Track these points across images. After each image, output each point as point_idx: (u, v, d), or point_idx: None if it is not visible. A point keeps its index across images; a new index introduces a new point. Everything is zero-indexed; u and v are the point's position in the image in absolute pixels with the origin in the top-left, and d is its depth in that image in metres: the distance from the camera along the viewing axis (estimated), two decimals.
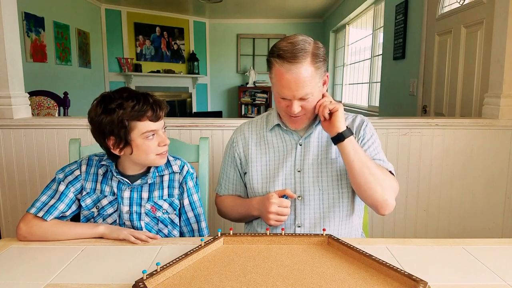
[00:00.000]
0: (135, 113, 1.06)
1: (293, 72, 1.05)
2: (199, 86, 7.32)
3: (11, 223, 2.04)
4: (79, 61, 5.18)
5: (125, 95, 1.07)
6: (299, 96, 1.08)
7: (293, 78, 1.05)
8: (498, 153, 1.97)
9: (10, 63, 1.96)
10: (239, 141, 1.27)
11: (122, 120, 1.05)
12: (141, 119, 1.07)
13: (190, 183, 1.22)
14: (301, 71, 1.05)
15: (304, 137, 1.19)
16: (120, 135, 1.06)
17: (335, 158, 1.17)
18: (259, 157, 1.23)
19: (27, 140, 1.98)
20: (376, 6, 4.41)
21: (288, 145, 1.21)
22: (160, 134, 1.12)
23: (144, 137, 1.08)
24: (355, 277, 0.82)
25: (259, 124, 1.29)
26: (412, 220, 2.05)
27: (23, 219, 1.06)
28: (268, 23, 7.21)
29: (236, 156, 1.27)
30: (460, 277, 0.84)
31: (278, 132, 1.23)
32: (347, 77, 5.82)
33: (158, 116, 1.09)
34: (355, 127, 1.20)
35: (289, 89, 1.07)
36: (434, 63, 2.87)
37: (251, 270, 0.84)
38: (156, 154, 1.12)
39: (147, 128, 1.08)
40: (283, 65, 1.05)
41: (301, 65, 1.05)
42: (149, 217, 1.17)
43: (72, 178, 1.15)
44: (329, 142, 1.18)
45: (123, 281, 0.82)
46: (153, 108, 1.08)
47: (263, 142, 1.24)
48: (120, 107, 1.05)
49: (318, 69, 1.08)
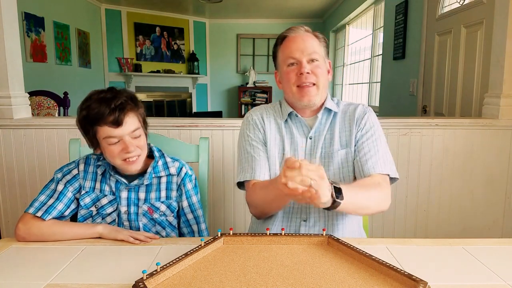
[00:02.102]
0: (95, 118, 1.04)
1: (299, 33, 1.18)
2: (199, 86, 7.32)
3: (11, 223, 2.04)
4: (79, 61, 5.18)
5: (100, 96, 1.05)
6: (308, 52, 1.15)
7: (299, 36, 1.17)
8: (498, 153, 1.97)
9: (10, 63, 1.96)
10: (258, 124, 1.22)
11: (86, 123, 1.05)
12: (101, 124, 1.04)
13: (189, 185, 1.21)
14: (308, 34, 1.19)
15: (314, 129, 1.19)
16: (88, 136, 1.08)
17: (337, 150, 1.17)
18: (277, 144, 1.20)
19: (27, 140, 1.98)
20: (376, 6, 4.41)
21: (298, 137, 1.20)
22: (125, 140, 1.06)
23: (106, 142, 1.06)
24: (355, 277, 0.82)
25: (275, 114, 1.24)
26: (412, 220, 2.05)
27: (22, 219, 1.06)
28: (268, 23, 7.21)
29: (261, 137, 1.21)
30: (460, 277, 0.84)
31: (290, 125, 1.21)
32: (347, 77, 5.81)
33: (119, 121, 1.04)
34: (356, 117, 1.19)
35: (297, 48, 1.15)
36: (434, 63, 2.87)
37: (251, 270, 0.84)
38: (121, 159, 1.08)
39: (108, 133, 1.05)
40: (288, 35, 1.18)
41: (304, 31, 1.19)
42: (147, 218, 1.16)
43: (70, 177, 1.14)
44: (333, 135, 1.18)
45: (123, 281, 0.82)
46: (114, 113, 1.03)
47: (281, 134, 1.21)
48: (87, 109, 1.05)
49: (322, 46, 1.19)
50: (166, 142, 1.39)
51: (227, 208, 1.98)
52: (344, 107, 1.24)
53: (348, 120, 1.20)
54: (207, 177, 1.39)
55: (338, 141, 1.17)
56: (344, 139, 1.18)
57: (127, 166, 1.10)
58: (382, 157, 1.15)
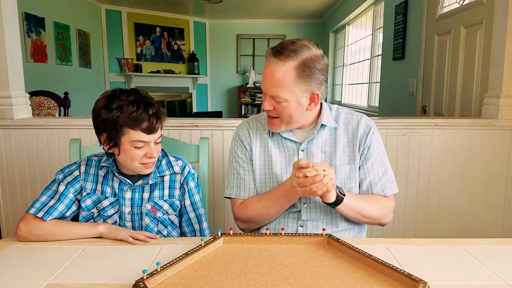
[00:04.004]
0: (131, 121, 1.04)
1: (272, 66, 1.03)
2: (199, 86, 7.33)
3: (11, 223, 2.04)
4: (79, 61, 5.18)
5: (130, 98, 1.06)
6: (270, 94, 1.06)
7: (270, 72, 1.04)
8: (497, 153, 1.97)
9: (11, 63, 1.96)
10: (244, 141, 1.22)
11: (117, 122, 1.05)
12: (134, 128, 1.05)
13: (192, 184, 1.21)
14: (280, 69, 1.02)
15: (306, 142, 1.16)
16: (111, 134, 1.07)
17: (340, 165, 1.15)
18: (262, 161, 1.19)
19: (27, 140, 1.98)
20: (376, 7, 4.42)
21: (290, 150, 1.18)
22: (150, 146, 1.09)
23: (132, 145, 1.07)
24: (355, 277, 0.82)
25: (262, 128, 1.22)
26: (412, 220, 2.05)
27: (23, 220, 1.06)
28: (268, 24, 7.22)
29: (248, 154, 1.21)
30: (460, 277, 0.84)
31: (278, 137, 1.19)
32: (347, 77, 5.82)
33: (153, 128, 1.07)
34: (360, 134, 1.16)
35: (264, 82, 1.07)
36: (433, 63, 2.87)
37: (251, 270, 0.85)
38: (140, 163, 1.09)
39: (138, 138, 1.06)
40: (269, 57, 1.05)
41: (282, 63, 1.02)
42: (150, 218, 1.16)
43: (71, 178, 1.15)
44: (333, 151, 1.16)
45: (123, 281, 0.82)
46: (150, 120, 1.06)
47: (266, 147, 1.19)
48: (119, 109, 1.04)
49: (302, 79, 1.03)
50: (167, 142, 1.39)
51: (227, 208, 1.98)
52: (345, 118, 1.19)
53: (351, 134, 1.17)
54: (207, 177, 1.40)
55: (341, 155, 1.15)
56: (347, 154, 1.16)
57: (144, 169, 1.11)
58: (390, 176, 1.19)
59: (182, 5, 6.22)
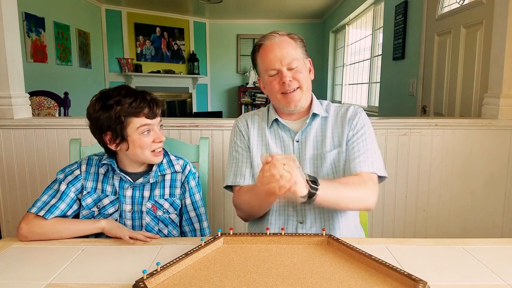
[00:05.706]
0: (133, 109, 1.08)
1: (275, 41, 1.15)
2: (199, 86, 7.32)
3: (11, 223, 2.04)
4: (79, 61, 5.18)
5: (123, 92, 1.10)
6: (287, 61, 1.14)
7: (276, 44, 1.15)
8: (497, 153, 1.97)
9: (11, 63, 1.96)
10: (242, 130, 1.26)
11: (119, 115, 1.07)
12: (137, 116, 1.09)
13: (192, 183, 1.22)
14: (282, 38, 1.16)
15: (300, 131, 1.19)
16: (116, 130, 1.08)
17: (329, 151, 1.18)
18: (259, 150, 1.22)
19: (27, 140, 1.98)
20: (376, 7, 4.42)
21: (286, 141, 1.21)
22: (156, 130, 1.14)
23: (139, 133, 1.10)
24: (355, 277, 0.82)
25: (260, 119, 1.27)
26: (412, 220, 2.05)
27: (24, 219, 1.06)
28: (268, 24, 7.21)
29: (246, 143, 1.24)
30: (460, 277, 0.84)
31: (276, 129, 1.23)
32: (347, 77, 5.82)
33: (154, 113, 1.12)
34: (347, 118, 1.20)
35: (274, 58, 1.14)
36: (433, 63, 2.87)
37: (251, 270, 0.85)
38: (151, 151, 1.13)
39: (142, 122, 1.10)
40: (264, 44, 1.16)
41: (279, 36, 1.16)
42: (150, 217, 1.17)
43: (72, 178, 1.15)
44: (324, 137, 1.19)
45: (123, 281, 0.82)
46: (150, 105, 1.11)
47: (264, 138, 1.23)
48: (118, 103, 1.08)
49: (297, 42, 1.18)
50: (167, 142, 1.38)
51: (227, 208, 1.98)
52: (335, 109, 1.25)
53: (340, 120, 1.22)
54: (207, 177, 1.40)
55: (330, 142, 1.19)
56: (336, 139, 1.20)
57: (155, 157, 1.14)
58: (371, 156, 1.16)
59: (182, 5, 6.22)
